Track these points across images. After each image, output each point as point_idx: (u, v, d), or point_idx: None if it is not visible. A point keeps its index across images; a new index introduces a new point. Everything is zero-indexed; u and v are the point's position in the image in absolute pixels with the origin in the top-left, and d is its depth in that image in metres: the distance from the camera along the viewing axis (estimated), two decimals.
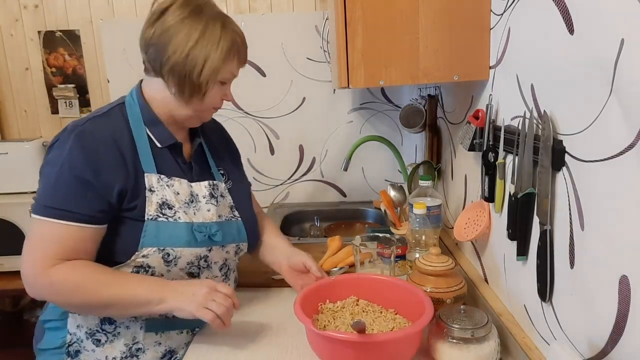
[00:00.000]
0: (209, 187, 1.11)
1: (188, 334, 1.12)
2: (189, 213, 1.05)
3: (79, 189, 0.95)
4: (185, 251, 1.03)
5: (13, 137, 2.29)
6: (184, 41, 0.98)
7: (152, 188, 1.01)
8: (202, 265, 1.08)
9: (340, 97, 2.22)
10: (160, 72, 1.02)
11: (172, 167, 1.07)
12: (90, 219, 0.96)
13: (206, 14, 1.01)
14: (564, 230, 0.82)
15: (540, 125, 0.88)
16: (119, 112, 1.05)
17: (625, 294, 0.66)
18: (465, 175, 1.40)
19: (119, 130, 1.02)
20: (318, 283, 1.11)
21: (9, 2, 2.17)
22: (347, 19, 1.14)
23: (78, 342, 1.05)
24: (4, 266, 1.96)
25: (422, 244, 1.33)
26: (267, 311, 1.23)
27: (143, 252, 0.99)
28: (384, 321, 1.03)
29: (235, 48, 1.04)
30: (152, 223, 1.00)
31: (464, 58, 1.16)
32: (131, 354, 1.06)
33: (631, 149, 0.64)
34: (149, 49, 1.02)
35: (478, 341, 0.92)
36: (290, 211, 2.15)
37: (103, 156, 0.97)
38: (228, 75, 1.05)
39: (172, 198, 1.03)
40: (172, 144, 1.08)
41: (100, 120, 1.03)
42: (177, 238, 1.01)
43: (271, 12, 2.18)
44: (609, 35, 0.67)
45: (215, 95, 1.06)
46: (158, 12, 1.00)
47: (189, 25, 0.98)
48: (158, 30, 0.99)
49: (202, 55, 0.98)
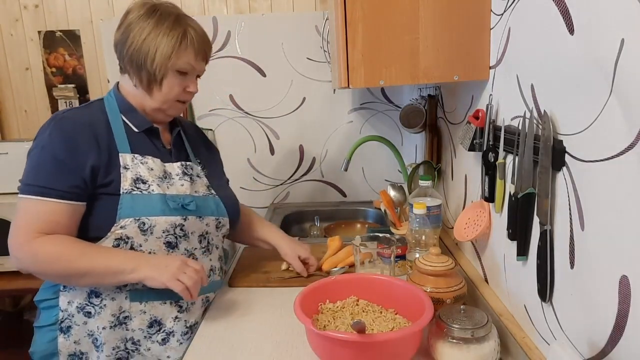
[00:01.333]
0: (182, 166, 1.21)
1: (172, 304, 1.15)
2: (162, 186, 1.13)
3: (55, 168, 1.06)
4: (160, 219, 1.10)
5: (13, 137, 2.29)
6: (138, 34, 1.12)
7: (127, 166, 1.11)
8: (178, 234, 1.14)
9: (340, 97, 2.22)
10: (124, 67, 1.16)
11: (149, 149, 1.17)
12: (65, 195, 1.05)
13: (160, 11, 1.14)
14: (564, 230, 0.82)
15: (540, 125, 0.88)
16: (97, 105, 1.18)
17: (625, 294, 0.66)
18: (465, 175, 1.40)
19: (95, 117, 1.14)
20: (318, 283, 1.11)
21: (9, 2, 2.17)
22: (347, 19, 1.14)
23: (69, 317, 1.12)
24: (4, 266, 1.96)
25: (422, 244, 1.33)
26: (267, 311, 1.22)
27: (121, 223, 1.08)
28: (384, 321, 1.03)
29: (189, 40, 1.14)
30: (127, 196, 1.09)
31: (464, 58, 1.16)
32: (119, 322, 1.12)
33: (631, 149, 0.64)
34: (116, 49, 1.17)
35: (478, 341, 0.92)
36: (290, 211, 2.15)
37: (79, 137, 1.08)
38: (185, 66, 1.15)
39: (146, 173, 1.12)
40: (148, 129, 1.19)
41: (79, 109, 1.17)
42: (151, 208, 1.10)
43: (271, 12, 2.18)
44: (609, 35, 0.67)
45: (174, 85, 1.15)
46: (123, 16, 1.16)
47: (143, 21, 1.12)
48: (121, 30, 1.15)
49: (153, 45, 1.11)
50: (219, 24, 2.15)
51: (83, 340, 1.12)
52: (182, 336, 1.16)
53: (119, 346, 1.13)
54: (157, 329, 1.15)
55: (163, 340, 1.15)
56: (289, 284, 1.36)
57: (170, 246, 1.13)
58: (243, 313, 1.22)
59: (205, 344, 1.09)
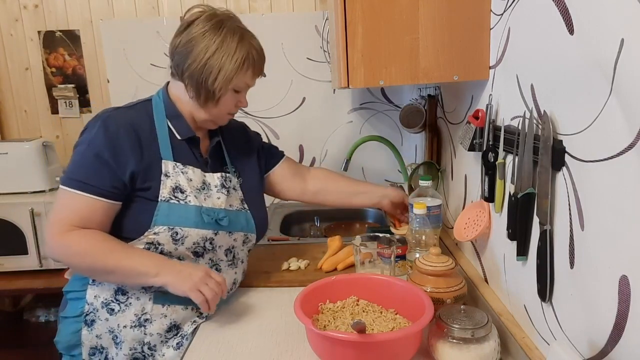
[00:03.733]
0: (222, 178, 1.21)
1: (193, 310, 1.17)
2: (199, 198, 1.14)
3: (97, 166, 1.07)
4: (192, 231, 1.11)
5: (13, 137, 2.29)
6: (203, 52, 1.10)
7: (168, 173, 1.12)
8: (207, 247, 1.16)
9: (340, 97, 2.22)
10: (181, 77, 1.14)
11: (189, 158, 1.18)
12: (103, 192, 1.07)
13: (226, 27, 1.12)
14: (564, 230, 0.82)
15: (540, 125, 0.88)
16: (144, 106, 1.18)
17: (625, 294, 0.66)
18: (465, 175, 1.40)
19: (140, 120, 1.14)
20: (318, 283, 1.11)
21: (9, 2, 2.17)
22: (347, 19, 1.14)
23: (94, 311, 1.14)
24: (4, 266, 1.95)
25: (422, 244, 1.32)
26: (267, 311, 1.23)
27: (155, 229, 1.09)
28: (384, 321, 1.03)
29: (250, 61, 1.14)
30: (164, 204, 1.10)
31: (464, 58, 1.16)
32: (139, 324, 1.13)
33: (631, 149, 0.64)
34: (175, 56, 1.15)
35: (478, 341, 0.92)
36: (290, 211, 2.15)
37: (123, 140, 1.09)
38: (242, 85, 1.17)
39: (185, 183, 1.13)
40: (190, 137, 1.19)
41: (126, 110, 1.16)
42: (186, 219, 1.11)
43: (271, 12, 2.18)
44: (609, 35, 0.67)
45: (229, 102, 1.17)
46: (185, 24, 1.14)
47: (208, 38, 1.10)
48: (183, 40, 1.12)
49: (217, 66, 1.10)
50: None
51: (104, 335, 1.14)
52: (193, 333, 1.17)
53: (136, 347, 1.14)
54: (175, 333, 1.16)
55: (177, 345, 1.15)
56: (289, 284, 1.36)
57: (197, 255, 1.15)
58: (243, 313, 1.22)
59: (205, 344, 1.09)
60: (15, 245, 1.93)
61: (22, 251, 1.94)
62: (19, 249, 1.93)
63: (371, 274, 1.21)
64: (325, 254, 1.48)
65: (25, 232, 1.92)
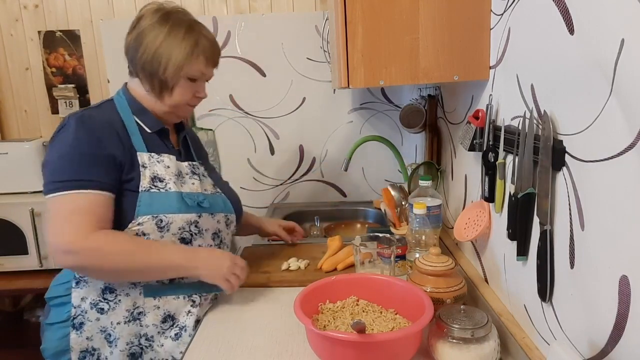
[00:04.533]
0: (190, 166, 1.24)
1: (185, 299, 1.18)
2: (177, 184, 1.16)
3: (89, 161, 1.06)
4: (177, 217, 1.13)
5: (13, 137, 2.29)
6: (152, 42, 1.13)
7: (145, 164, 1.13)
8: (193, 231, 1.17)
9: (340, 97, 2.22)
10: (136, 72, 1.18)
11: (162, 148, 1.20)
12: (104, 185, 1.07)
13: (173, 19, 1.15)
14: (564, 230, 0.82)
15: (540, 125, 0.88)
16: (109, 105, 1.20)
17: (625, 294, 0.66)
18: (465, 175, 1.40)
19: (111, 116, 1.15)
20: (318, 283, 1.11)
21: (9, 2, 2.17)
22: (347, 19, 1.14)
23: (82, 314, 1.13)
24: (4, 266, 1.96)
25: (422, 244, 1.33)
26: (267, 311, 1.22)
27: (139, 220, 1.10)
28: (384, 321, 1.03)
29: (200, 48, 1.17)
30: (145, 194, 1.11)
31: (464, 58, 1.16)
32: (133, 318, 1.14)
33: (631, 149, 0.64)
34: (128, 53, 1.19)
35: (478, 341, 0.92)
36: (290, 211, 2.15)
37: (105, 133, 1.10)
38: (195, 73, 1.18)
39: (163, 172, 1.15)
40: (160, 130, 1.21)
41: (95, 109, 1.17)
42: (169, 206, 1.12)
43: (271, 12, 2.18)
44: (609, 35, 0.67)
45: (185, 92, 1.19)
46: (135, 20, 1.18)
47: (157, 29, 1.14)
48: (134, 35, 1.16)
49: (165, 54, 1.13)
50: (219, 24, 2.15)
51: (96, 336, 1.14)
52: (194, 330, 1.17)
53: (132, 341, 1.14)
54: (171, 324, 1.17)
55: (176, 336, 1.16)
56: (289, 284, 1.36)
57: (185, 242, 1.16)
58: (243, 313, 1.22)
59: (205, 344, 1.09)
60: (15, 245, 1.94)
61: (22, 251, 1.94)
62: (19, 249, 1.94)
63: (371, 274, 1.21)
64: (325, 254, 1.48)
65: (25, 232, 1.92)
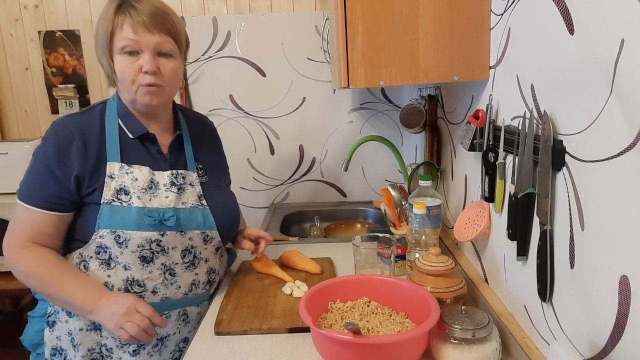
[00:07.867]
0: (171, 176, 1.17)
1: None
2: (143, 198, 1.11)
3: (45, 176, 1.09)
4: (135, 234, 1.09)
5: (13, 137, 2.29)
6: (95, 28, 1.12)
7: (113, 175, 1.11)
8: (154, 249, 1.12)
9: (340, 97, 2.22)
10: None
11: (141, 156, 1.15)
12: (52, 206, 1.09)
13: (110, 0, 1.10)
14: (564, 230, 0.82)
15: (540, 125, 0.88)
16: (98, 109, 1.17)
17: (625, 294, 0.66)
18: (465, 175, 1.40)
19: (90, 125, 1.13)
20: (329, 282, 1.10)
21: (9, 2, 2.17)
22: (347, 19, 1.14)
23: (55, 313, 1.16)
24: (4, 266, 1.95)
25: (422, 244, 1.32)
26: None
27: (99, 232, 1.09)
28: (391, 324, 1.01)
29: (123, 12, 1.07)
30: (106, 207, 1.09)
31: (464, 58, 1.16)
32: (95, 327, 1.14)
33: (631, 149, 0.64)
34: None
35: (479, 342, 0.92)
36: (290, 211, 2.15)
37: (71, 147, 1.09)
38: (126, 42, 1.07)
39: (129, 184, 1.11)
40: (143, 135, 1.16)
41: (77, 116, 1.15)
42: (128, 221, 1.09)
43: (271, 12, 2.18)
44: (609, 35, 0.67)
45: (127, 69, 1.08)
46: None
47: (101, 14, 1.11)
48: None
49: (98, 33, 1.10)
50: (219, 24, 2.15)
51: (63, 337, 1.16)
52: (153, 348, 1.17)
53: (94, 348, 1.15)
54: None
55: (134, 352, 1.15)
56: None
57: (145, 260, 1.12)
58: None
59: (205, 343, 1.09)
60: None
61: None
62: None
63: (386, 275, 1.20)
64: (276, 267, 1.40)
65: None
